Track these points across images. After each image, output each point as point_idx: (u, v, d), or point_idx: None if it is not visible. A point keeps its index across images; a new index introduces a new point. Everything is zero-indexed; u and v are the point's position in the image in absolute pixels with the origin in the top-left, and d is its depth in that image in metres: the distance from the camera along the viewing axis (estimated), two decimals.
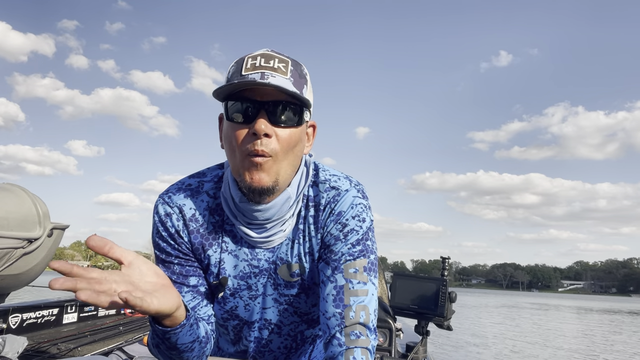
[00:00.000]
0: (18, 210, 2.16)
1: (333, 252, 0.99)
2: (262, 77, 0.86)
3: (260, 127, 0.86)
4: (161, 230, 0.99)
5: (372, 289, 0.97)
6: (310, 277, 1.03)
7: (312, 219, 1.01)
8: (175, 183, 1.04)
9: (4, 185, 2.28)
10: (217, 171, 1.05)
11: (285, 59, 0.91)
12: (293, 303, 1.06)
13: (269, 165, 0.89)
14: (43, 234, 2.27)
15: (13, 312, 2.82)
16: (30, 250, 2.22)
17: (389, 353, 2.47)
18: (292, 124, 0.91)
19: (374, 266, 1.00)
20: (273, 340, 1.12)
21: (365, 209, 1.02)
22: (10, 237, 2.09)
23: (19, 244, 2.14)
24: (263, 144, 0.87)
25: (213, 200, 1.01)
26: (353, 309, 0.93)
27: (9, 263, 2.13)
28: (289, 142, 0.91)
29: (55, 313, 3.24)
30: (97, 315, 3.73)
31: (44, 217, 2.28)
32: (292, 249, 1.01)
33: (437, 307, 2.51)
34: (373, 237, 1.03)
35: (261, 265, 1.02)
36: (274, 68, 0.88)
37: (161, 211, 1.00)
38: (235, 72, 0.90)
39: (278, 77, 0.87)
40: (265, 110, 0.88)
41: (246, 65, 0.89)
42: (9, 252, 2.12)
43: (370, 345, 0.92)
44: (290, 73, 0.90)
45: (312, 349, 1.22)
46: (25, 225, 2.19)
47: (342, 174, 1.06)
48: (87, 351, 2.77)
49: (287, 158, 0.92)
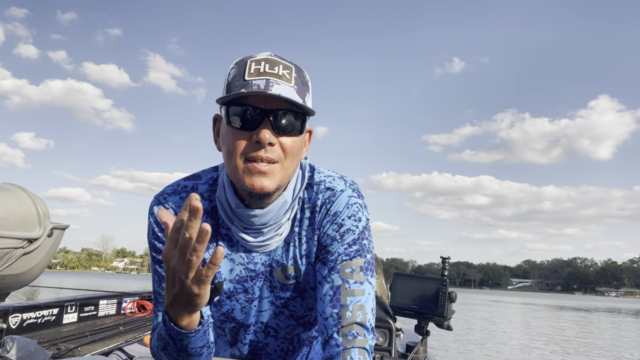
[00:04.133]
0: (18, 210, 2.15)
1: (329, 252, 0.99)
2: (267, 84, 0.85)
3: (265, 137, 0.86)
4: (157, 231, 0.99)
5: (368, 288, 0.97)
6: (305, 279, 1.03)
7: (307, 221, 1.01)
8: (170, 184, 1.04)
9: (4, 185, 2.28)
10: (212, 174, 1.05)
11: (289, 65, 0.90)
12: (289, 306, 1.06)
13: (275, 171, 0.89)
14: (43, 234, 2.27)
15: (13, 312, 2.82)
16: (30, 250, 2.21)
17: (389, 353, 2.47)
18: (295, 133, 0.91)
19: (371, 265, 1.00)
20: (270, 344, 1.12)
21: (361, 208, 1.02)
22: (10, 237, 2.08)
23: (19, 244, 2.14)
24: (268, 152, 0.87)
25: (208, 203, 1.01)
26: (350, 309, 0.93)
27: (9, 263, 2.13)
28: (292, 150, 0.91)
29: (55, 313, 3.24)
30: (97, 315, 3.73)
31: (44, 217, 2.27)
32: (287, 252, 1.01)
33: (437, 307, 2.50)
34: (369, 236, 1.03)
35: (257, 269, 1.02)
36: (278, 75, 0.87)
37: (156, 212, 0.99)
38: (237, 76, 0.88)
39: (283, 85, 0.87)
40: (268, 118, 0.87)
41: (249, 69, 0.88)
42: (9, 252, 2.11)
43: (368, 345, 0.92)
44: (294, 80, 0.89)
45: (309, 351, 1.22)
46: (25, 225, 2.18)
47: (336, 174, 1.06)
48: (87, 351, 2.77)
49: (292, 165, 0.92)
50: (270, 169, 0.89)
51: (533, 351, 10.25)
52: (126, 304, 4.08)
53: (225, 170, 0.99)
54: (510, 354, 9.61)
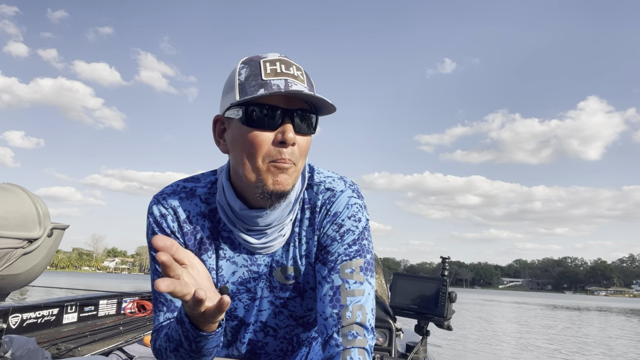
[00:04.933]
0: (18, 210, 2.15)
1: (329, 252, 0.99)
2: (286, 84, 0.86)
3: (290, 136, 0.86)
4: (157, 231, 0.99)
5: (368, 288, 0.97)
6: (305, 280, 1.03)
7: (307, 221, 1.01)
8: (169, 185, 1.04)
9: (4, 185, 2.28)
10: (211, 177, 1.04)
11: (300, 67, 0.92)
12: (288, 306, 1.06)
13: (292, 171, 0.90)
14: (43, 234, 2.27)
15: (13, 312, 2.82)
16: (30, 250, 2.21)
17: (389, 353, 2.46)
18: (309, 132, 0.92)
19: (371, 265, 1.00)
20: (269, 343, 1.12)
21: (361, 209, 1.02)
22: (10, 237, 2.08)
23: (19, 244, 2.14)
24: (289, 151, 0.88)
25: (206, 205, 1.01)
26: (350, 309, 0.94)
27: (9, 263, 2.13)
28: (306, 149, 0.92)
29: (55, 313, 3.24)
30: (97, 315, 3.73)
31: (44, 217, 2.27)
32: (287, 252, 1.01)
33: (437, 307, 2.50)
34: (369, 237, 1.03)
35: (260, 270, 1.02)
36: (294, 76, 0.88)
37: (156, 212, 0.99)
38: (251, 76, 0.87)
39: (299, 85, 0.87)
40: (290, 118, 0.88)
41: (265, 69, 0.87)
42: (9, 252, 2.11)
43: (368, 345, 0.92)
44: (306, 81, 0.90)
45: (308, 351, 1.22)
46: (25, 225, 2.18)
47: (336, 174, 1.06)
48: (87, 351, 2.77)
49: (302, 165, 0.93)
50: (291, 168, 0.89)
51: (531, 350, 10.28)
52: (126, 304, 4.08)
53: (224, 174, 0.98)
54: (510, 354, 9.62)
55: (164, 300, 0.98)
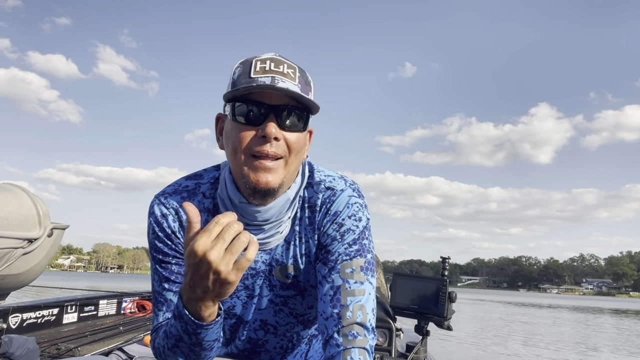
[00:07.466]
0: (18, 210, 2.15)
1: (330, 252, 0.99)
2: (272, 81, 0.87)
3: (271, 131, 0.87)
4: (157, 231, 0.99)
5: (369, 288, 0.97)
6: (305, 278, 1.03)
7: (307, 220, 1.02)
8: (171, 184, 1.05)
9: (4, 185, 2.28)
10: (214, 172, 1.05)
11: (293, 65, 0.93)
12: (289, 304, 1.06)
13: (279, 168, 0.90)
14: (43, 234, 2.27)
15: (13, 312, 2.82)
16: (30, 250, 2.21)
17: (389, 353, 2.47)
18: (298, 129, 0.93)
19: (371, 265, 1.00)
20: (269, 341, 1.13)
21: (361, 208, 1.02)
22: (10, 237, 2.08)
23: (19, 244, 2.14)
24: (273, 147, 0.89)
25: (210, 200, 1.01)
26: (350, 309, 0.93)
27: (9, 263, 2.13)
28: (296, 146, 0.92)
29: (55, 313, 3.24)
30: (97, 315, 3.73)
31: (44, 217, 2.27)
32: (287, 251, 1.02)
33: (437, 307, 2.50)
34: (370, 236, 1.03)
35: (258, 267, 1.02)
36: (283, 73, 0.90)
37: (157, 212, 1.00)
38: (242, 74, 0.90)
39: (287, 82, 0.89)
40: (274, 114, 0.89)
41: (255, 68, 0.90)
42: (9, 252, 2.11)
43: (368, 345, 0.92)
44: (298, 79, 0.91)
45: (309, 349, 1.22)
46: (25, 225, 2.18)
47: (336, 174, 1.06)
48: (87, 351, 2.77)
49: (295, 162, 0.94)
50: (275, 165, 0.90)
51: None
52: (126, 304, 4.08)
53: (227, 168, 0.99)
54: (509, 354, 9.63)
55: (164, 300, 0.98)
